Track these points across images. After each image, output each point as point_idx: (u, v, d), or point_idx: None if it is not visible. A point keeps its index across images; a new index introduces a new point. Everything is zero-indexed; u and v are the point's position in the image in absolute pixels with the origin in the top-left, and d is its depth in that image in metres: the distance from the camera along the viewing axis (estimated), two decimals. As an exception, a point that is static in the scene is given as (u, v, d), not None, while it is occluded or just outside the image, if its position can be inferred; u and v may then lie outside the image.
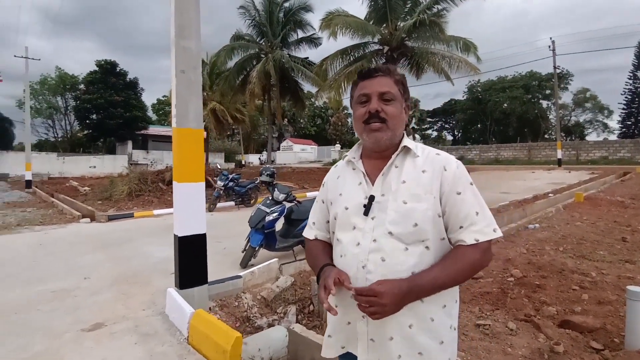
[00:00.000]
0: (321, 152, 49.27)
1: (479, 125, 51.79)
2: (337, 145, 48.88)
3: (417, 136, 61.52)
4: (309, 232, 1.33)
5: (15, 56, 18.73)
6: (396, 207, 1.07)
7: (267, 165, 14.50)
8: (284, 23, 21.91)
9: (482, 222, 1.07)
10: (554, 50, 25.05)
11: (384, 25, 17.79)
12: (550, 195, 11.06)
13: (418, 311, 1.04)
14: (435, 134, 62.30)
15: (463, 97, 51.89)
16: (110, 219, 8.74)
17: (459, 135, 57.80)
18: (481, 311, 3.35)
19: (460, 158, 32.31)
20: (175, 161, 3.25)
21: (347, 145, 55.14)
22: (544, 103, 45.25)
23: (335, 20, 16.21)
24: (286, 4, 21.69)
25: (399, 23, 17.19)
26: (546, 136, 44.54)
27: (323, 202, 1.30)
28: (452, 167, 1.11)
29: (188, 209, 3.32)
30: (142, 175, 13.07)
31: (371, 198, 1.11)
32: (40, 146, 39.13)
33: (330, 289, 1.02)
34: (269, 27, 21.61)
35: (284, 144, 52.21)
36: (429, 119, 61.30)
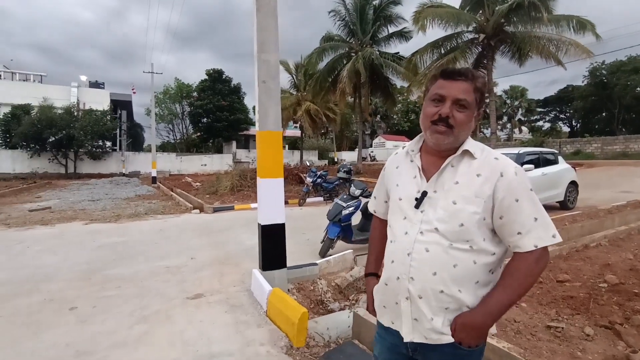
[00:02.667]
0: (414, 149, 47.77)
1: (603, 114, 44.71)
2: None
3: (523, 128, 55.79)
4: (371, 204, 1.52)
5: (143, 72, 22.24)
6: (445, 205, 1.12)
7: (345, 163, 14.83)
8: (373, 20, 21.91)
9: (540, 228, 1.09)
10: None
11: (480, 12, 16.70)
12: (686, 194, 9.32)
13: (457, 299, 1.12)
14: (547, 125, 55.50)
15: (583, 82, 45.33)
16: (215, 210, 9.98)
17: (578, 126, 50.71)
18: (558, 314, 3.19)
19: (577, 152, 28.60)
20: (258, 160, 3.75)
21: (442, 140, 52.42)
22: (692, 84, 37.15)
23: (424, 13, 15.74)
24: (375, 1, 21.66)
25: (496, 7, 15.97)
26: (695, 124, 36.58)
27: (384, 184, 1.41)
28: (510, 173, 1.10)
29: (269, 201, 3.79)
30: (242, 172, 14.49)
31: (424, 194, 1.17)
32: (164, 147, 45.52)
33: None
34: (359, 25, 21.82)
35: (376, 140, 52.03)
36: (539, 109, 54.84)
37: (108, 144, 30.33)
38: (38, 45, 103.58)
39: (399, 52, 22.22)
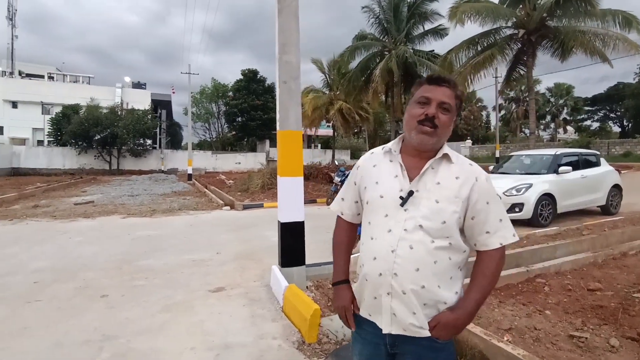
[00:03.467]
0: (450, 148, 46.41)
1: (657, 113, 41.60)
2: (467, 140, 45.52)
3: (569, 128, 52.88)
4: (337, 206, 1.46)
5: (181, 73, 23.16)
6: (429, 204, 1.18)
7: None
8: (408, 17, 21.55)
9: (504, 228, 1.23)
10: None
11: (520, 6, 16.04)
12: None
13: (435, 294, 1.18)
14: (596, 125, 52.17)
15: (634, 79, 42.35)
16: (245, 207, 10.25)
17: (629, 126, 47.40)
18: (584, 324, 3.04)
19: (627, 154, 26.82)
20: (278, 159, 3.83)
21: (479, 140, 50.84)
22: None
23: (461, 8, 15.31)
24: (410, -1, 21.31)
25: (538, 1, 15.27)
26: None
27: (355, 184, 1.39)
28: (482, 179, 1.23)
29: (289, 199, 3.86)
30: (273, 170, 14.74)
31: (410, 193, 1.20)
32: (200, 146, 47.10)
33: (352, 326, 1.34)
34: (393, 23, 21.53)
35: (410, 140, 51.11)
36: (587, 108, 51.65)
37: (148, 142, 31.82)
38: (87, 48, 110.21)
39: (433, 50, 21.75)
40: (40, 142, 32.61)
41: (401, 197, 1.21)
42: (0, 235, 6.50)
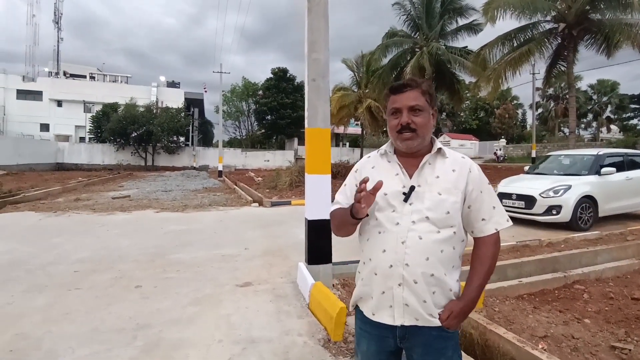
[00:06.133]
0: (482, 148, 45.09)
1: None
2: (501, 140, 43.94)
3: (612, 127, 50.03)
4: (341, 198, 1.44)
5: (213, 72, 23.71)
6: (432, 197, 1.26)
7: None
8: (440, 13, 21.06)
9: (498, 215, 1.33)
10: None
11: (559, -2, 15.29)
12: None
13: (443, 282, 1.26)
14: (643, 123, 48.98)
15: (688, 74, 39.35)
16: (273, 204, 10.36)
17: (681, 125, 44.25)
18: (627, 334, 2.87)
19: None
20: (306, 156, 3.84)
21: (514, 140, 49.00)
22: None
23: (495, 4, 14.77)
24: (443, -6, 20.79)
25: (579, -7, 14.49)
26: None
27: (357, 186, 1.34)
28: (475, 170, 1.33)
29: (316, 196, 3.86)
30: (301, 168, 14.84)
31: (412, 188, 1.28)
32: (231, 143, 48.09)
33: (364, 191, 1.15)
34: (425, 19, 21.10)
35: (440, 139, 49.97)
36: (634, 106, 48.56)
37: (181, 139, 32.83)
38: (127, 49, 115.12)
39: (467, 46, 21.11)
40: (82, 139, 34.37)
41: (404, 193, 1.28)
42: (46, 227, 6.91)
